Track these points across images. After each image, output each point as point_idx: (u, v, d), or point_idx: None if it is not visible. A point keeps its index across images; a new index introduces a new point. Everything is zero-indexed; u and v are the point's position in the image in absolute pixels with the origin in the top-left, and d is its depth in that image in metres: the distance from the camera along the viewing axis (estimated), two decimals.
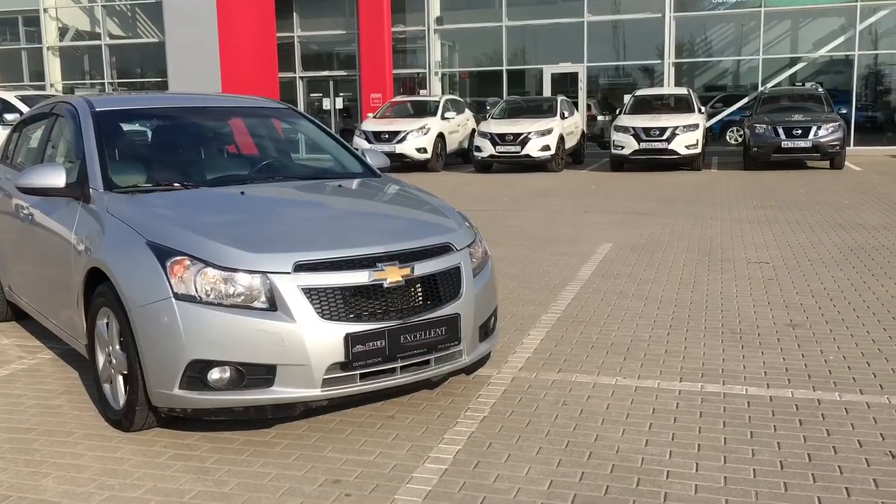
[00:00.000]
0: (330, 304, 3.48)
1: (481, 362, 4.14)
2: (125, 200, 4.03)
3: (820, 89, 19.10)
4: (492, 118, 19.10)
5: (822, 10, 22.38)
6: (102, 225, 3.93)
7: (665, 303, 6.06)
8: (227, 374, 3.45)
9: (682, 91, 19.51)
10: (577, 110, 21.29)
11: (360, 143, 18.18)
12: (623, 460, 3.41)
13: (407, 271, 3.64)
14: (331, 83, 25.93)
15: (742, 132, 23.93)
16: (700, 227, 9.57)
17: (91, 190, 4.18)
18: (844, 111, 18.30)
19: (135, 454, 3.58)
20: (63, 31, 27.93)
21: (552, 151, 17.83)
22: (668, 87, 22.01)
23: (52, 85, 27.06)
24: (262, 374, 3.44)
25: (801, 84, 22.14)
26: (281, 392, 3.45)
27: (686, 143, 17.25)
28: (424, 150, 18.62)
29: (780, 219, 10.12)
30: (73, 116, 4.72)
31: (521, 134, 17.78)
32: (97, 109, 4.65)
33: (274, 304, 3.44)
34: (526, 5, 24.03)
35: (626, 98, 21.33)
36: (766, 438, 3.60)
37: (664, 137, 17.24)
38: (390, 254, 3.65)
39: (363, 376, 3.56)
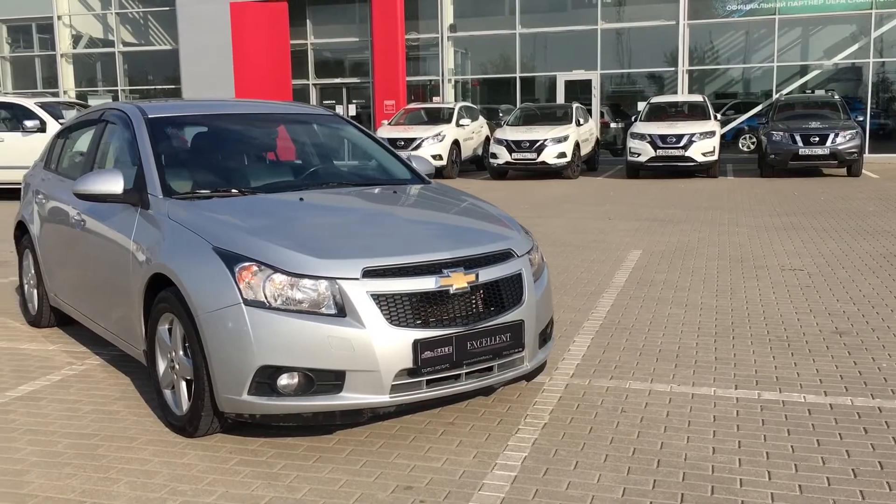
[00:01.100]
0: (398, 310, 3.48)
1: (540, 369, 4.14)
2: (186, 206, 4.04)
3: (836, 96, 19.06)
4: (507, 125, 19.13)
5: (835, 18, 22.37)
6: (165, 231, 3.94)
7: (706, 310, 6.05)
8: (296, 380, 3.45)
9: (698, 98, 19.51)
10: (591, 117, 21.30)
11: None
12: (693, 468, 3.40)
13: (472, 277, 3.64)
14: (344, 90, 25.98)
15: (755, 139, 24.09)
16: (727, 234, 9.55)
17: (150, 196, 4.19)
18: (861, 118, 18.26)
19: (201, 460, 3.58)
20: (76, 39, 28.05)
21: (568, 158, 17.84)
22: (684, 95, 22.02)
23: (65, 92, 27.15)
24: (330, 380, 3.44)
25: (811, 91, 22.12)
26: (350, 398, 3.45)
27: (703, 150, 17.24)
28: (440, 157, 18.61)
29: (805, 226, 10.11)
30: (125, 123, 4.74)
31: (538, 141, 17.80)
32: (150, 116, 4.67)
33: (343, 310, 3.44)
34: (539, 13, 24.08)
35: (641, 105, 21.36)
36: (833, 446, 3.59)
37: (681, 145, 17.24)
38: (455, 260, 3.66)
39: (430, 382, 3.56)
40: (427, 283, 3.54)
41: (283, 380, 3.44)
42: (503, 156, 17.99)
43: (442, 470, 3.44)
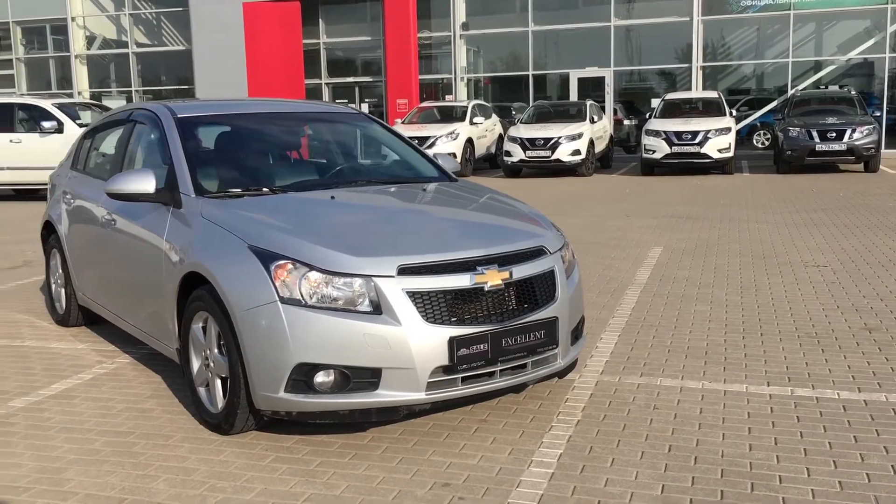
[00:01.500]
0: (433, 307, 3.48)
1: (572, 366, 4.13)
2: (218, 205, 4.05)
3: (853, 91, 18.97)
4: (521, 123, 19.09)
5: (850, 13, 22.24)
6: (198, 230, 3.95)
7: (731, 307, 6.03)
8: (333, 378, 3.46)
9: (713, 94, 19.43)
10: (605, 114, 21.25)
11: None
12: (731, 465, 3.40)
13: (506, 274, 3.64)
14: (356, 89, 26.00)
15: (769, 136, 23.99)
16: (747, 231, 9.52)
17: (182, 195, 4.20)
18: (878, 114, 18.16)
19: (238, 457, 3.59)
20: (90, 40, 28.16)
21: (582, 156, 17.81)
22: (698, 91, 21.94)
23: (79, 93, 27.28)
24: (367, 378, 3.45)
25: (825, 87, 21.99)
26: (386, 395, 3.46)
27: (718, 146, 17.17)
28: (454, 156, 18.61)
29: (826, 222, 10.06)
30: (154, 123, 4.76)
31: (552, 139, 17.76)
32: (179, 116, 4.69)
33: (378, 308, 3.44)
34: (551, 10, 24.03)
35: (655, 102, 21.29)
36: (871, 443, 3.58)
37: (696, 141, 17.17)
38: (489, 257, 3.66)
39: (465, 380, 3.57)
40: (462, 281, 3.54)
41: (320, 377, 3.45)
42: (517, 154, 17.97)
43: (478, 467, 3.44)
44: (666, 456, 3.50)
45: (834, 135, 16.53)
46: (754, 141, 24.29)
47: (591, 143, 18.29)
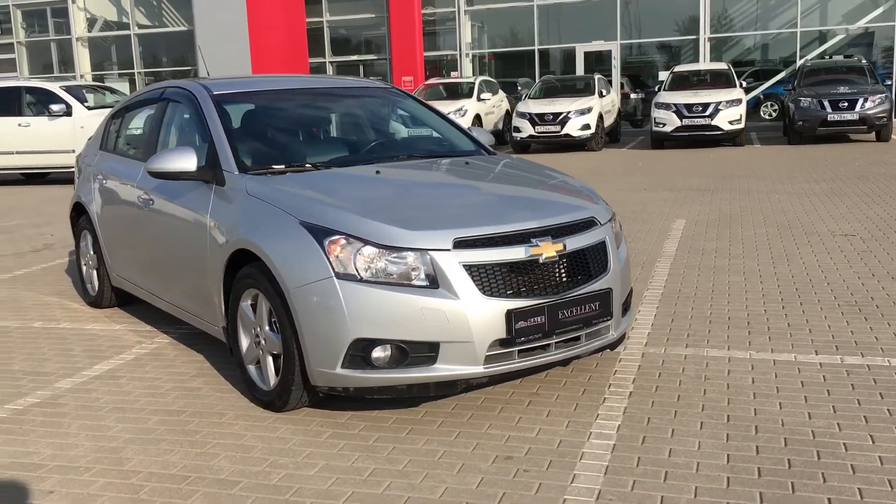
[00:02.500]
0: (490, 280, 3.45)
1: (622, 339, 4.11)
2: (263, 182, 4.01)
3: (863, 61, 18.84)
4: (529, 98, 18.98)
5: None
6: (245, 207, 3.91)
7: (766, 277, 6.00)
8: (390, 353, 3.44)
9: (722, 66, 19.31)
10: (612, 88, 21.13)
11: None
12: (793, 434, 3.38)
13: (560, 246, 3.61)
14: (360, 67, 25.85)
15: (776, 107, 23.88)
16: (768, 202, 9.48)
17: (225, 172, 4.16)
18: (888, 83, 18.04)
19: (294, 433, 3.57)
20: (91, 22, 27.96)
21: (592, 130, 17.73)
22: (706, 63, 21.80)
23: (81, 76, 27.13)
24: (424, 352, 3.42)
25: (829, 57, 21.82)
26: (444, 369, 3.43)
27: (729, 118, 17.10)
28: None
29: (846, 192, 10.01)
30: (190, 101, 4.71)
31: (561, 113, 17.67)
32: (215, 93, 4.64)
33: (435, 282, 3.41)
34: None
35: (662, 75, 21.18)
36: None
37: (707, 113, 17.11)
38: (543, 229, 3.62)
39: (521, 353, 3.54)
40: (517, 253, 3.51)
41: (377, 352, 3.43)
42: (526, 129, 17.88)
43: (538, 440, 3.43)
44: (726, 426, 3.49)
45: (846, 104, 16.44)
46: (761, 112, 24.16)
47: (601, 117, 18.20)
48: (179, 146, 4.29)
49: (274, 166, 4.23)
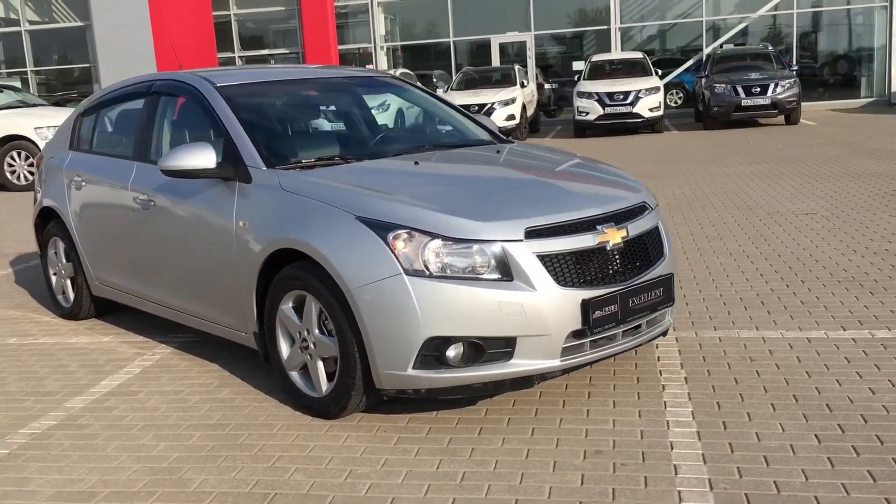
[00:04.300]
0: (563, 270, 3.34)
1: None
2: (297, 176, 3.78)
3: (770, 47, 19.58)
4: (451, 90, 18.91)
5: None
6: (282, 204, 3.67)
7: (753, 257, 6.09)
8: (465, 350, 3.28)
9: (637, 55, 19.74)
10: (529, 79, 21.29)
11: None
12: (867, 410, 3.40)
13: (624, 232, 3.53)
14: (272, 62, 25.21)
15: (681, 94, 24.60)
16: (716, 185, 9.68)
17: (250, 168, 3.90)
18: (794, 68, 18.78)
19: (360, 440, 3.38)
20: None
21: (517, 121, 17.79)
22: (619, 52, 22.21)
23: None
24: (501, 348, 3.28)
25: (741, 44, 22.57)
26: (521, 365, 3.30)
27: (649, 105, 17.50)
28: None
29: (785, 172, 10.34)
30: (192, 95, 4.41)
31: (486, 104, 17.64)
32: (220, 85, 4.36)
33: (509, 274, 3.27)
34: None
35: (577, 65, 21.50)
36: None
37: (628, 101, 17.45)
38: (607, 215, 3.53)
39: (592, 343, 3.45)
40: (586, 241, 3.41)
41: (452, 350, 3.27)
42: None
43: (618, 432, 3.34)
44: (798, 406, 3.48)
45: (758, 90, 17.03)
46: (667, 100, 24.79)
47: (524, 107, 18.31)
48: (195, 142, 3.99)
49: (304, 160, 4.00)
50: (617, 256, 3.50)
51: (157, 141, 4.64)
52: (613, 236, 3.48)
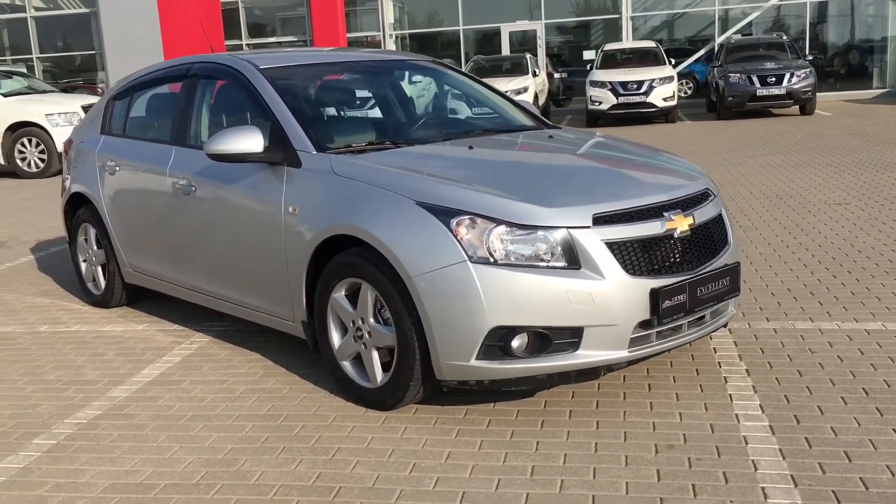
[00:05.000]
0: (632, 257, 3.23)
1: None
2: (350, 161, 3.66)
3: (784, 37, 19.42)
4: None
5: None
6: (336, 189, 3.55)
7: (794, 247, 5.98)
8: (530, 340, 3.18)
9: (650, 44, 19.57)
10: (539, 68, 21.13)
11: None
12: None
13: (690, 220, 3.42)
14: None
15: (691, 84, 24.43)
16: (741, 174, 9.56)
17: (299, 153, 3.78)
18: (810, 58, 18.61)
19: (420, 433, 3.28)
20: None
21: None
22: (631, 41, 22.04)
23: None
24: (567, 338, 3.18)
25: (741, 35, 22.41)
26: (588, 355, 3.20)
27: (663, 95, 17.34)
28: None
29: (810, 162, 10.21)
30: (235, 78, 4.29)
31: None
32: (264, 68, 4.24)
33: (576, 261, 3.16)
34: None
35: (588, 54, 21.35)
36: None
37: (642, 91, 17.28)
38: (673, 202, 3.42)
39: (658, 334, 3.34)
40: (654, 228, 3.30)
41: (517, 340, 3.16)
42: None
43: (687, 426, 3.24)
44: (869, 399, 3.38)
45: (773, 80, 16.86)
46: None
47: (536, 96, 18.16)
48: (241, 125, 3.87)
49: (354, 144, 3.88)
50: (684, 244, 3.39)
51: (196, 125, 4.52)
52: (681, 223, 3.36)
